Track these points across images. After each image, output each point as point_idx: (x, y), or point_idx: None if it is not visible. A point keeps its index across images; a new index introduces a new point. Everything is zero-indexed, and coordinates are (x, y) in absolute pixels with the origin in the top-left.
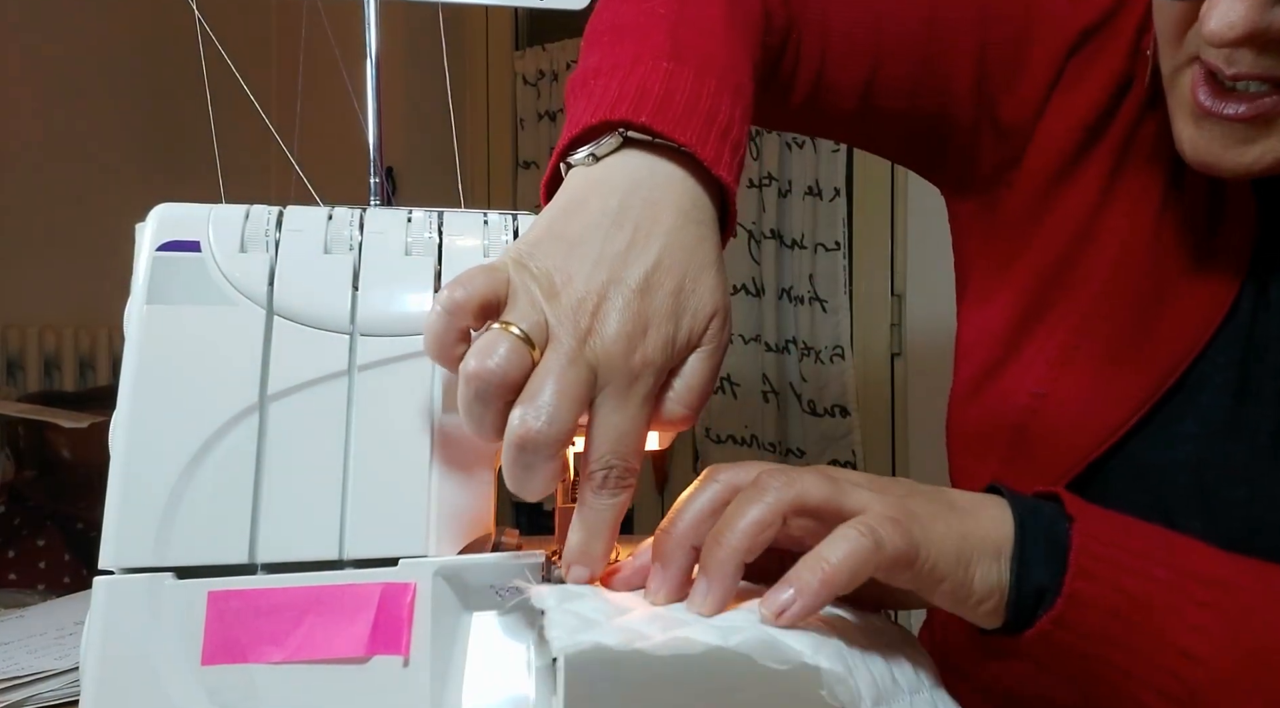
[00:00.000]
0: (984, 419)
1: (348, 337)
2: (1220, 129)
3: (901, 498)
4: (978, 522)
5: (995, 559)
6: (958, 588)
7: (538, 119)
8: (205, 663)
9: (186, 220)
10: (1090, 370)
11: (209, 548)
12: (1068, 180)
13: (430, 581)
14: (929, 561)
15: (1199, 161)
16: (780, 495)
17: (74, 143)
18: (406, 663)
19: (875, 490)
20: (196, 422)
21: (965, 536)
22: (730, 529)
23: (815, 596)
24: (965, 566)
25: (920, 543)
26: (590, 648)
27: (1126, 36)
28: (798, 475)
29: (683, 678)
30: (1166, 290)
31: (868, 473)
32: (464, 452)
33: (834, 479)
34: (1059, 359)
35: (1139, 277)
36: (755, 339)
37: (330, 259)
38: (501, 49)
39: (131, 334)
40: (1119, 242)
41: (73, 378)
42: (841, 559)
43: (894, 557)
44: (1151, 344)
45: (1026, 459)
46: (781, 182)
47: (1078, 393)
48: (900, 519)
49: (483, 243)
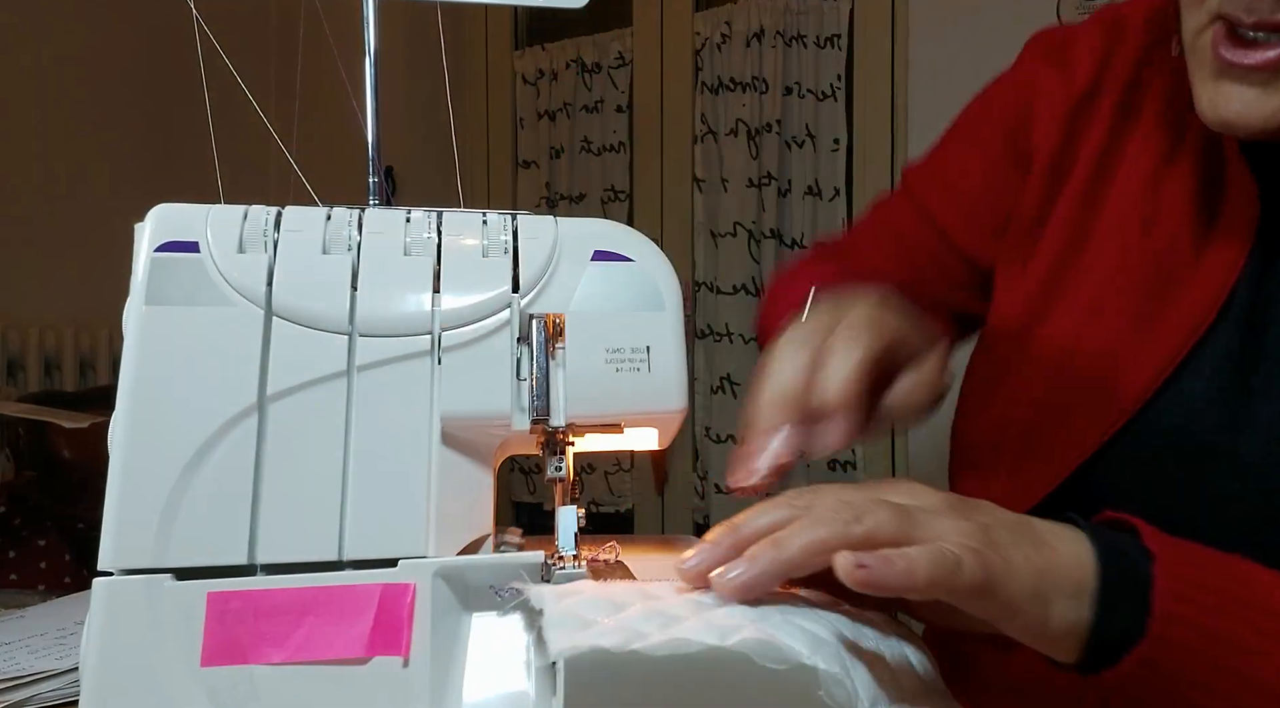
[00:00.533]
0: (994, 427)
1: (346, 337)
2: (1240, 84)
3: (984, 526)
4: (1058, 557)
5: (1074, 598)
6: (1032, 624)
7: (537, 119)
8: (205, 664)
9: (185, 221)
10: (1098, 357)
11: (208, 549)
12: (1068, 178)
13: (430, 581)
14: (1005, 593)
15: (1219, 119)
16: (849, 531)
17: (74, 143)
18: (406, 663)
19: (956, 516)
20: (195, 422)
21: (1044, 571)
22: (788, 541)
23: (890, 585)
24: (1043, 602)
25: (999, 575)
26: (589, 650)
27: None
28: (871, 510)
29: (681, 678)
30: (1173, 272)
31: (949, 495)
32: (463, 452)
33: (908, 514)
34: (1067, 350)
35: (1144, 260)
36: (755, 339)
37: (329, 259)
38: (501, 49)
39: (130, 335)
40: (1119, 233)
41: (73, 378)
42: (923, 570)
43: (970, 585)
44: (1163, 321)
45: (1031, 460)
46: (781, 181)
47: (1086, 382)
48: (980, 549)
49: (482, 243)
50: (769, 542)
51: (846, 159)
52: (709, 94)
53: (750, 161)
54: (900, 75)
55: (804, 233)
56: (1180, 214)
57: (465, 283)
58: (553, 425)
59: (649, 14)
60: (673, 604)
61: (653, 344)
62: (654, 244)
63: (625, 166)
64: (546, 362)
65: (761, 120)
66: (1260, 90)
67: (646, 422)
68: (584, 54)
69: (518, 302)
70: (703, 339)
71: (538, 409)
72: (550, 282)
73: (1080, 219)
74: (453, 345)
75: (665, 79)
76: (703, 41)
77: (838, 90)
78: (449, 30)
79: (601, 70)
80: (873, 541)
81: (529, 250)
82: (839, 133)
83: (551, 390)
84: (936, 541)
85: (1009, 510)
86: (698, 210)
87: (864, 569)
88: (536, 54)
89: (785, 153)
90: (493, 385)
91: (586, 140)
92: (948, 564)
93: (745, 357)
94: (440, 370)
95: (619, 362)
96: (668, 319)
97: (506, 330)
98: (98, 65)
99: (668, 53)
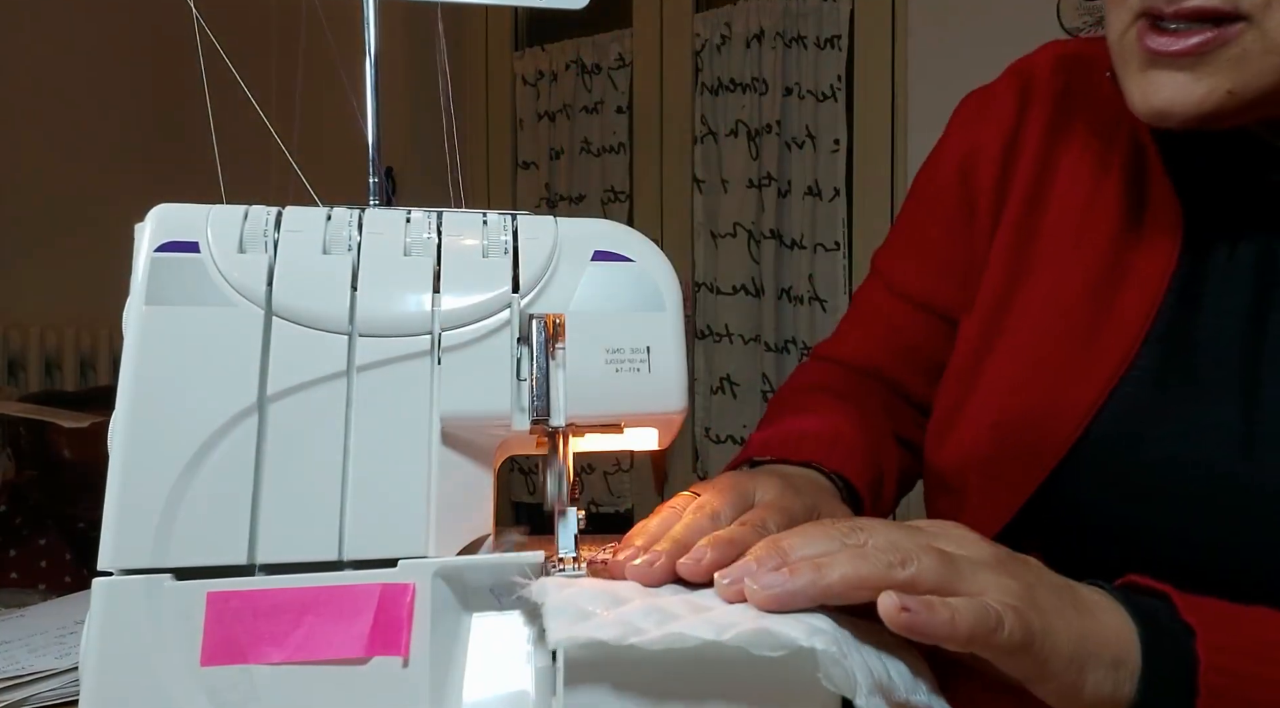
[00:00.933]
0: (957, 455)
1: (346, 337)
2: (1169, 71)
3: (1029, 585)
4: (1099, 625)
5: (1112, 668)
6: (1066, 689)
7: (537, 119)
8: (205, 664)
9: (185, 221)
10: (1043, 380)
11: (208, 549)
12: (1003, 216)
13: (430, 581)
14: (1042, 656)
15: (1150, 109)
16: (892, 574)
17: (74, 143)
18: (406, 663)
19: (1002, 573)
20: (195, 423)
21: (1084, 637)
22: (831, 568)
23: (931, 633)
24: (1079, 669)
25: (1038, 637)
26: (587, 642)
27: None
28: (918, 556)
29: (680, 671)
30: (1106, 290)
31: (1000, 547)
32: (463, 452)
33: (954, 564)
34: (1012, 385)
35: (1079, 282)
36: (755, 339)
37: (329, 259)
38: (501, 49)
39: (130, 335)
40: (1054, 260)
41: (73, 378)
42: (965, 624)
43: (1009, 643)
44: (1101, 338)
45: (995, 482)
46: (781, 182)
47: (1036, 406)
48: (1023, 608)
49: (482, 243)
50: (811, 564)
51: (846, 159)
52: (709, 95)
53: (750, 162)
54: (900, 75)
55: (804, 233)
56: (1109, 235)
57: (465, 283)
58: (553, 425)
59: (649, 15)
60: (672, 603)
61: (653, 344)
62: (654, 244)
63: (625, 167)
64: (546, 362)
65: (761, 121)
66: (1189, 75)
67: (646, 422)
68: (584, 55)
69: (518, 302)
70: (703, 339)
71: (538, 409)
72: (550, 282)
73: (1017, 252)
74: (453, 345)
75: (665, 80)
76: (702, 42)
77: (838, 91)
78: (449, 31)
79: (601, 71)
80: (915, 586)
81: (529, 251)
82: (839, 133)
83: (551, 391)
84: (980, 594)
85: (1053, 573)
86: (698, 211)
87: (908, 613)
88: (536, 55)
89: (785, 153)
90: (493, 385)
91: (586, 141)
92: (990, 621)
93: (745, 357)
94: (440, 370)
95: (619, 362)
96: (668, 319)
97: (506, 331)
98: (98, 65)
99: (667, 54)
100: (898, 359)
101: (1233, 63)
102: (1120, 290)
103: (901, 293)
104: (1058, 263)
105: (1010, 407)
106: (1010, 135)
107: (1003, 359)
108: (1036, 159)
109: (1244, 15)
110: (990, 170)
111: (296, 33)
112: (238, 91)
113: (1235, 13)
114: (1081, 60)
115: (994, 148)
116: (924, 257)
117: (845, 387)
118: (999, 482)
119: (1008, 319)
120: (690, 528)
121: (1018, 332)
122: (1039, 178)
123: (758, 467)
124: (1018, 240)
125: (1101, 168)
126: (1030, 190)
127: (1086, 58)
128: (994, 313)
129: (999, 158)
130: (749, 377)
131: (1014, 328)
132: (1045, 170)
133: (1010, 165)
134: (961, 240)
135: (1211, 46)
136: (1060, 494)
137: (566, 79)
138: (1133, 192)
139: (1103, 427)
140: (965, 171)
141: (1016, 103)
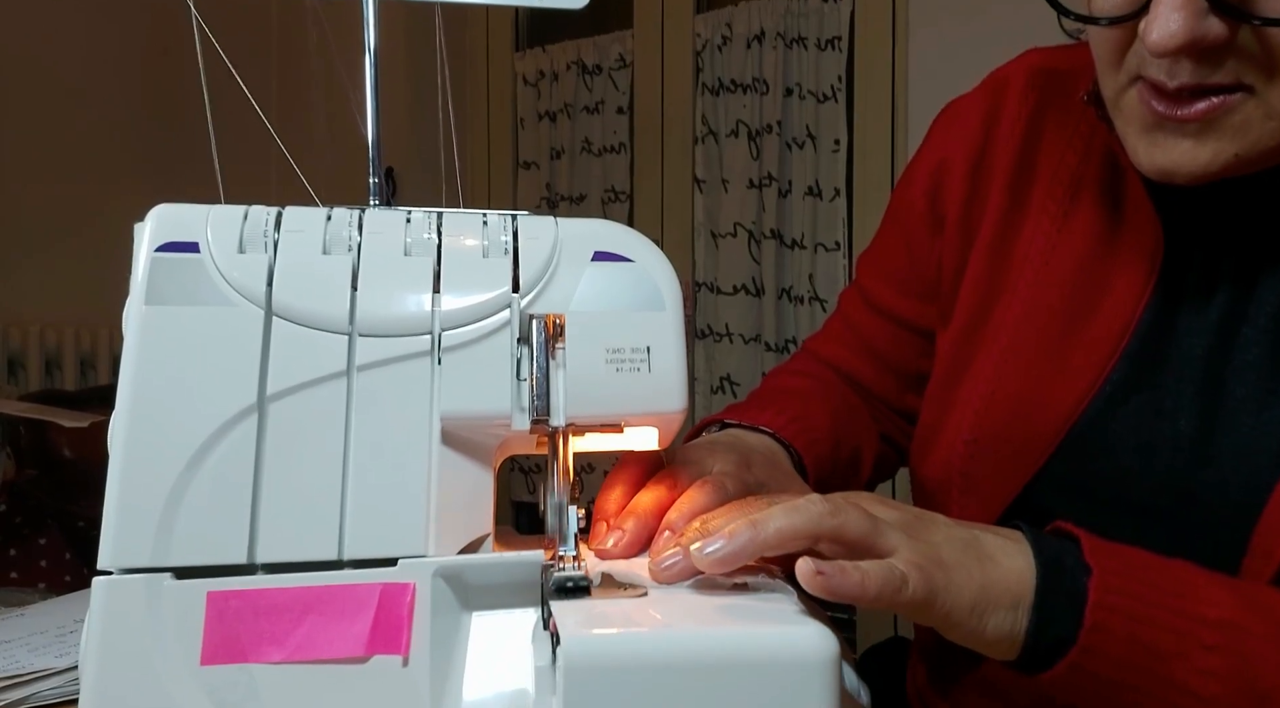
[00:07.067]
0: (938, 468)
1: (346, 337)
2: (1175, 136)
3: (933, 545)
4: (1000, 573)
5: (1011, 610)
6: (969, 634)
7: (538, 119)
8: (205, 663)
9: (185, 221)
10: (1019, 396)
11: (208, 549)
12: (977, 234)
13: (430, 581)
14: (944, 608)
15: (1157, 170)
16: (822, 522)
17: (74, 143)
18: (406, 663)
19: (909, 534)
20: (195, 422)
21: (985, 586)
22: (765, 524)
23: (844, 593)
24: (979, 615)
25: (939, 591)
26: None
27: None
28: (845, 508)
29: (680, 676)
30: (1082, 308)
31: (910, 509)
32: (463, 452)
33: (875, 519)
34: (987, 404)
35: (1054, 299)
36: (755, 339)
37: (329, 260)
38: (502, 49)
39: (130, 335)
40: (1028, 278)
41: (74, 377)
42: (873, 585)
43: (912, 600)
44: (1075, 355)
45: (973, 495)
46: (781, 182)
47: (1011, 421)
48: (925, 566)
49: (482, 243)
50: (747, 522)
51: (847, 160)
52: (709, 95)
53: (751, 162)
54: (900, 76)
55: (804, 233)
56: (1085, 253)
57: (465, 283)
58: (553, 425)
59: (650, 15)
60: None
61: (653, 344)
62: (654, 244)
63: (626, 167)
64: (546, 362)
65: (762, 121)
66: (1194, 141)
67: (647, 422)
68: (585, 55)
69: (518, 302)
70: (703, 339)
71: (538, 409)
72: (550, 282)
73: (991, 270)
74: (453, 345)
75: (666, 80)
76: (703, 43)
77: (838, 92)
78: (449, 31)
79: (602, 72)
80: (841, 534)
81: (529, 251)
82: (839, 134)
83: (552, 390)
84: (892, 552)
85: (961, 527)
86: (698, 211)
87: (822, 576)
88: (537, 55)
89: (786, 154)
90: (493, 385)
91: (587, 141)
92: (895, 581)
93: (745, 357)
94: (440, 370)
95: (619, 362)
96: (668, 319)
97: (506, 331)
98: (98, 65)
99: (668, 54)
100: (870, 366)
101: (1237, 129)
102: (1096, 308)
103: (874, 304)
104: (1033, 281)
105: (984, 425)
106: (977, 153)
107: (978, 378)
108: (1009, 177)
109: (1246, 87)
110: (959, 186)
111: (297, 32)
112: (238, 92)
113: (1237, 85)
114: (1056, 76)
115: (962, 165)
116: (890, 271)
117: (825, 375)
118: (976, 496)
119: (983, 338)
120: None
121: (992, 351)
122: (1012, 197)
123: (725, 430)
124: (992, 260)
125: (1076, 186)
126: (1003, 211)
127: (1062, 72)
128: (969, 332)
129: (968, 175)
130: (749, 377)
131: (989, 347)
132: (1018, 189)
133: (981, 183)
134: (928, 255)
135: (1217, 112)
136: (1036, 506)
137: (567, 79)
138: (1109, 210)
139: (1075, 442)
140: (935, 185)
141: (984, 120)
